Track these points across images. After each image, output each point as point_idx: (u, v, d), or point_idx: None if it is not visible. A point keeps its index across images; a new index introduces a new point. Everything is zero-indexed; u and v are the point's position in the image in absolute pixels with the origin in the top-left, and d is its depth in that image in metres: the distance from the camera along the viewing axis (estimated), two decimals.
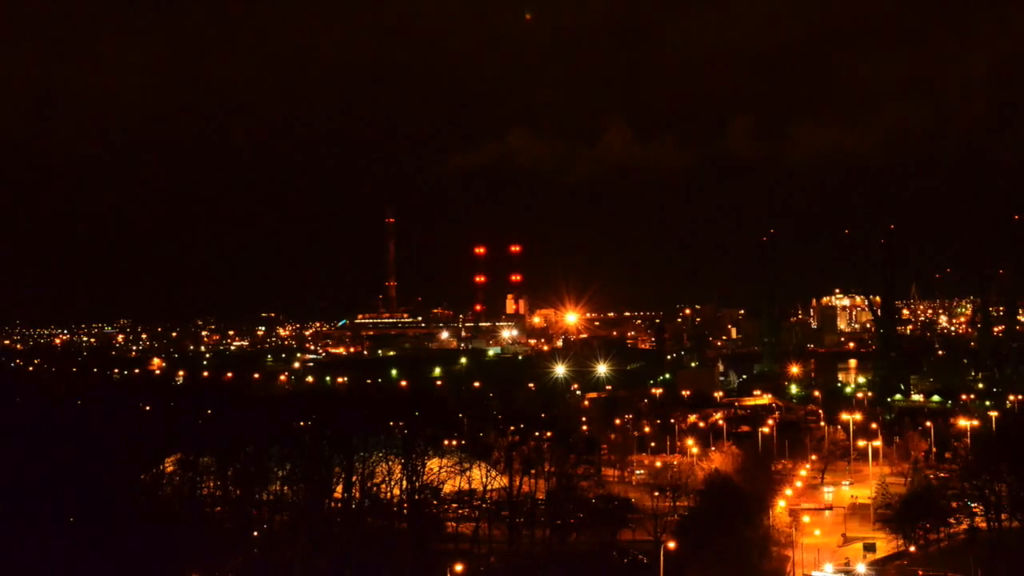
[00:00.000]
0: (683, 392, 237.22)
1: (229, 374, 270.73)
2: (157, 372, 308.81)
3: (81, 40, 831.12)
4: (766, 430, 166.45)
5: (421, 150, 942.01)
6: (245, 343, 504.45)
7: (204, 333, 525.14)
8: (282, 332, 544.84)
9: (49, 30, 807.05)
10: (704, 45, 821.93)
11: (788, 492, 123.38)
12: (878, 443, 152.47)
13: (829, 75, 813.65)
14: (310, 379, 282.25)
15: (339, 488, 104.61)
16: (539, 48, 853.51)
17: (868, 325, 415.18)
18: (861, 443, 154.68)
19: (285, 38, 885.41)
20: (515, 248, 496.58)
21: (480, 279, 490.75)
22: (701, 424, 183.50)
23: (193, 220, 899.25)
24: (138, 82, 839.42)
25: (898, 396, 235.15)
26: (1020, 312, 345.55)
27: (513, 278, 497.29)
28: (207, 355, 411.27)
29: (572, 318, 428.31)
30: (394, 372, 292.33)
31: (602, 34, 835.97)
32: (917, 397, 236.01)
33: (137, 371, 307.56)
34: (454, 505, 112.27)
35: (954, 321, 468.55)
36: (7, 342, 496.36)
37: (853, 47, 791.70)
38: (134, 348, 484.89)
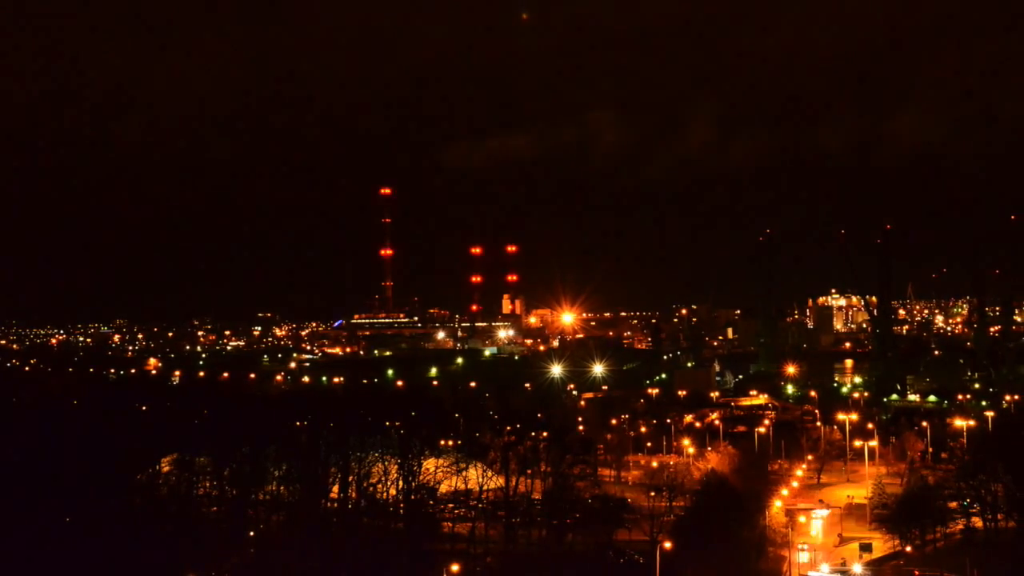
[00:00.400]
0: (679, 392, 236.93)
1: (225, 374, 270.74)
2: (153, 372, 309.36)
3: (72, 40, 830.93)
4: (762, 430, 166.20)
5: (417, 150, 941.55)
6: (241, 343, 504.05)
7: (200, 333, 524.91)
8: (278, 332, 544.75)
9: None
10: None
11: (784, 492, 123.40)
12: (874, 443, 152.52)
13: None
14: (306, 379, 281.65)
15: (335, 488, 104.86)
16: (529, 45, 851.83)
17: (864, 325, 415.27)
18: (857, 443, 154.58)
19: (283, 37, 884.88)
20: (511, 248, 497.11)
21: (476, 279, 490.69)
22: (697, 424, 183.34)
23: (190, 220, 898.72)
24: (134, 83, 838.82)
25: (894, 396, 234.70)
26: (1016, 312, 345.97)
27: (509, 278, 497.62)
28: (203, 355, 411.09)
29: (568, 318, 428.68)
30: (390, 372, 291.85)
31: (597, 32, 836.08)
32: (913, 397, 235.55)
33: (133, 371, 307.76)
34: (450, 505, 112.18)
35: (950, 321, 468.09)
36: (3, 342, 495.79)
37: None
38: (130, 348, 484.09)
